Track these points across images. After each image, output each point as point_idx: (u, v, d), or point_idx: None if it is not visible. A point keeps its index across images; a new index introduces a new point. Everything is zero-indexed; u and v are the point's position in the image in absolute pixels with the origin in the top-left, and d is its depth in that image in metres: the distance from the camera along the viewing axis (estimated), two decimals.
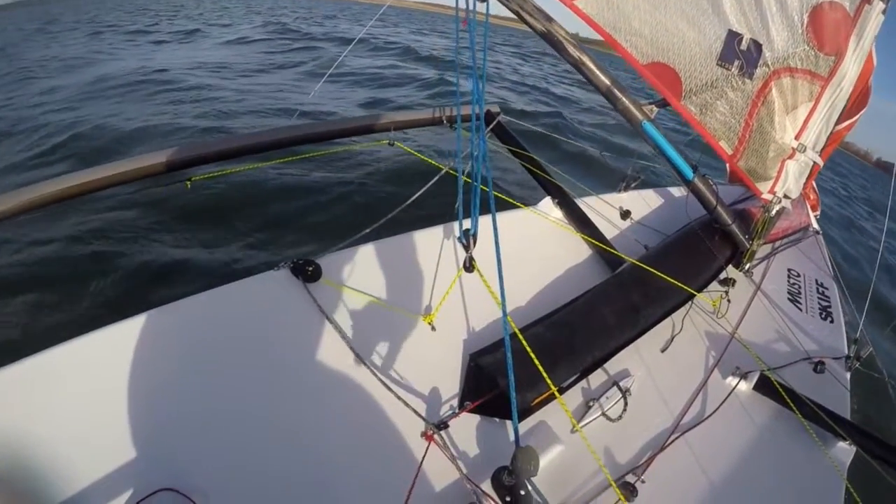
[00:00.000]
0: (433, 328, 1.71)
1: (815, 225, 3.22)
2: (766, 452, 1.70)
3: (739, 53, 2.30)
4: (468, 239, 1.31)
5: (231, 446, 1.26)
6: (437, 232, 2.07)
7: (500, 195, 2.05)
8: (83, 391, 1.23)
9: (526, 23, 2.15)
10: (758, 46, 2.30)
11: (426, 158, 2.36)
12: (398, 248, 1.95)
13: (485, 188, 1.37)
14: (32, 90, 8.45)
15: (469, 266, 1.32)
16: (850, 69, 2.34)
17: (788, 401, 1.75)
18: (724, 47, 2.30)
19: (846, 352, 2.29)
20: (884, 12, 2.21)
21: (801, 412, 1.74)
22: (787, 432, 1.78)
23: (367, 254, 1.85)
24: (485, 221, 1.31)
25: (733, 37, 2.29)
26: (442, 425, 1.41)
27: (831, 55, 2.33)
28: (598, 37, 2.22)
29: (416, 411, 1.41)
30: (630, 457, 1.56)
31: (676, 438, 1.62)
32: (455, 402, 1.55)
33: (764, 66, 2.31)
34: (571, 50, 2.15)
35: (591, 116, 12.40)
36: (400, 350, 1.63)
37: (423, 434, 1.41)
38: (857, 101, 2.62)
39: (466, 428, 1.48)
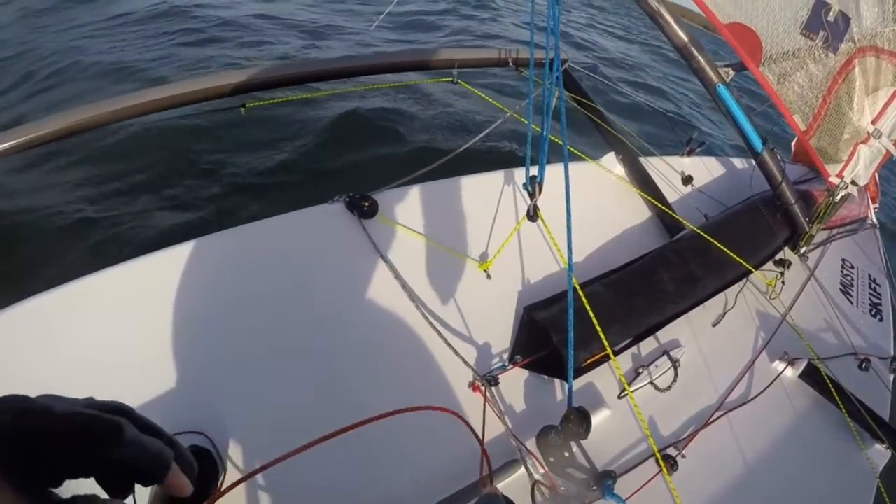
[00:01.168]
0: (489, 276, 1.65)
1: (874, 218, 3.12)
2: (803, 442, 1.66)
3: (826, 24, 2.15)
4: (534, 186, 1.25)
5: (270, 385, 1.21)
6: (497, 177, 1.97)
7: (566, 145, 1.95)
8: (120, 320, 1.19)
9: None
10: (846, 20, 2.16)
11: (492, 100, 2.23)
12: (457, 190, 1.85)
13: (554, 138, 1.31)
14: None
15: (533, 215, 1.27)
16: None
17: (835, 394, 1.69)
18: (810, 16, 2.15)
19: (892, 353, 2.21)
20: None
21: (845, 408, 1.69)
22: (828, 425, 1.73)
23: (425, 193, 1.75)
24: (549, 171, 1.25)
25: (821, 6, 2.14)
26: (491, 378, 1.37)
27: None
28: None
29: (465, 361, 1.37)
30: (673, 429, 1.51)
31: (720, 417, 1.57)
32: (505, 355, 1.50)
33: (850, 41, 2.17)
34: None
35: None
36: (453, 296, 1.57)
37: (471, 385, 1.37)
38: None
39: (514, 382, 1.44)
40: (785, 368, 1.82)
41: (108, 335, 1.16)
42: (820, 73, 2.17)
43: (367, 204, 1.57)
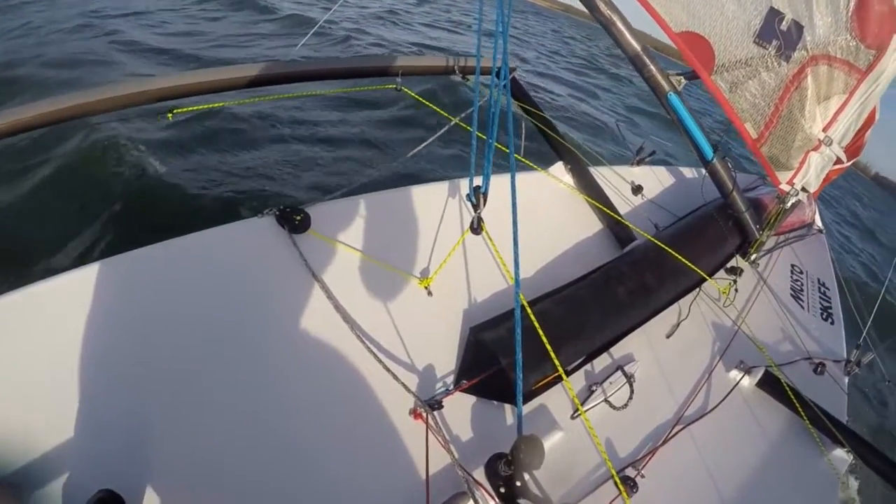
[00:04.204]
0: (430, 293, 1.58)
1: (819, 223, 3.16)
2: (765, 451, 1.65)
3: (779, 33, 2.17)
4: (478, 197, 1.19)
5: (192, 416, 1.12)
6: (440, 188, 1.90)
7: (513, 153, 1.94)
8: (27, 345, 1.09)
9: None
10: (799, 28, 2.18)
11: (436, 108, 2.22)
12: (397, 202, 1.78)
13: (501, 147, 1.27)
14: None
15: (477, 227, 1.20)
16: (890, 66, 2.22)
17: (795, 402, 1.69)
18: (763, 24, 2.17)
19: (845, 355, 2.24)
20: None
21: (805, 414, 1.68)
22: (788, 433, 1.73)
23: (361, 206, 1.68)
24: (495, 181, 1.19)
25: (774, 15, 2.16)
26: (435, 404, 1.29)
27: (872, 49, 2.21)
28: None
29: (406, 386, 1.29)
30: (631, 448, 1.47)
31: (679, 431, 1.54)
32: (450, 379, 1.43)
33: (802, 49, 2.19)
34: (603, 8, 2.02)
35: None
36: (391, 315, 1.49)
37: (413, 412, 1.29)
38: (853, 149, 2.51)
39: (460, 408, 1.37)
40: (742, 377, 1.82)
41: (7, 362, 1.05)
42: (772, 81, 2.18)
43: (298, 217, 1.50)
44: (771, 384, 1.79)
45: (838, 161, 2.27)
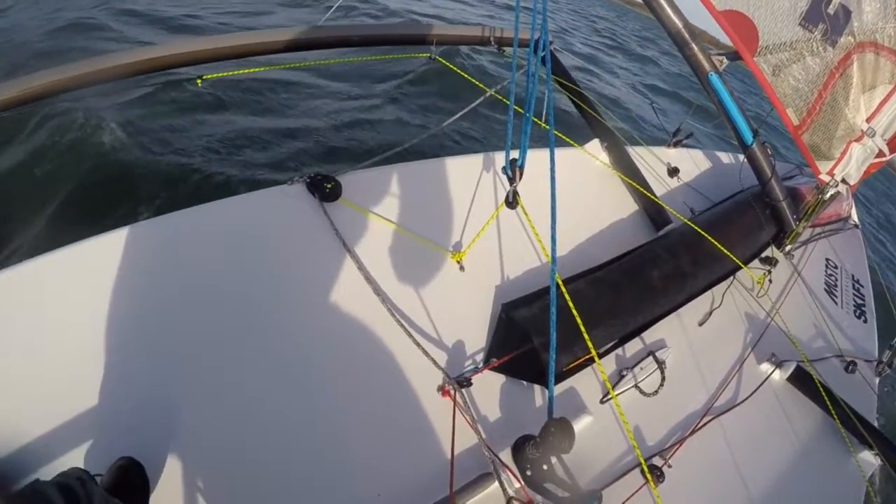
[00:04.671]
0: (462, 268, 1.54)
1: (855, 218, 3.07)
2: (792, 448, 1.61)
3: (826, 17, 2.08)
4: (514, 170, 1.15)
5: (214, 387, 1.10)
6: (474, 161, 1.85)
7: (551, 130, 1.87)
8: (58, 307, 1.08)
9: None
10: (846, 13, 2.09)
11: (471, 78, 2.14)
12: (430, 173, 1.74)
13: (537, 121, 1.24)
14: None
15: (512, 201, 1.16)
16: None
17: (825, 398, 1.64)
18: (810, 7, 2.08)
19: (877, 355, 2.17)
20: None
21: (836, 413, 1.63)
22: (817, 430, 1.68)
23: (393, 176, 1.65)
24: (531, 155, 1.15)
25: None
26: (464, 381, 1.27)
27: None
28: None
29: (435, 362, 1.26)
30: (659, 437, 1.43)
31: (707, 422, 1.50)
32: (480, 357, 1.39)
33: (849, 35, 2.10)
34: None
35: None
36: (422, 289, 1.46)
37: (441, 389, 1.26)
38: (894, 143, 2.42)
39: (489, 387, 1.33)
40: (773, 371, 1.76)
41: (35, 330, 1.05)
42: (817, 66, 2.10)
43: (329, 186, 1.47)
44: (802, 380, 1.74)
45: (880, 154, 2.19)
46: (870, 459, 1.62)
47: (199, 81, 1.57)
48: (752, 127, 2.03)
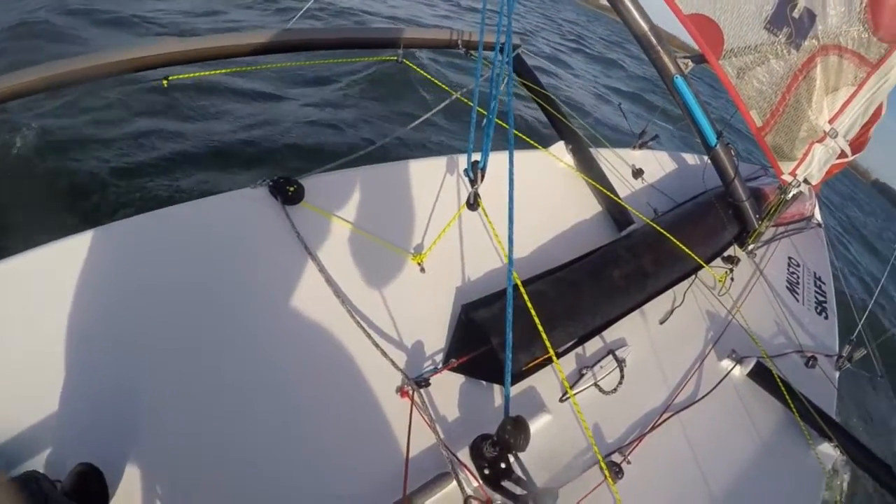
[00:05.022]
0: (423, 270, 1.56)
1: (818, 217, 3.14)
2: (752, 442, 1.65)
3: (791, 20, 2.13)
4: (476, 172, 1.16)
5: (173, 390, 1.10)
6: (438, 164, 1.87)
7: (514, 131, 1.90)
8: (15, 312, 1.07)
9: None
10: (811, 16, 2.14)
11: (438, 81, 2.17)
12: (393, 176, 1.75)
13: (501, 122, 1.24)
14: None
15: (473, 203, 1.17)
16: None
17: (785, 393, 1.69)
18: (775, 10, 2.13)
19: (837, 350, 2.24)
20: None
21: (795, 407, 1.68)
22: (777, 424, 1.73)
23: (356, 178, 1.66)
24: (493, 158, 1.16)
25: (787, 1, 2.12)
26: (422, 381, 1.28)
27: (885, 41, 2.17)
28: None
29: (393, 363, 1.27)
30: (618, 434, 1.46)
31: (667, 418, 1.53)
32: (439, 358, 1.41)
33: (814, 38, 2.15)
34: None
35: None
36: (383, 291, 1.47)
37: (400, 389, 1.27)
38: (858, 143, 2.48)
39: (448, 387, 1.35)
40: (734, 367, 1.80)
41: None
42: (781, 69, 2.15)
43: (292, 189, 1.47)
44: (762, 375, 1.78)
45: (842, 154, 2.24)
46: (829, 451, 1.67)
47: (164, 82, 1.55)
48: (715, 129, 2.08)
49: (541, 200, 2.04)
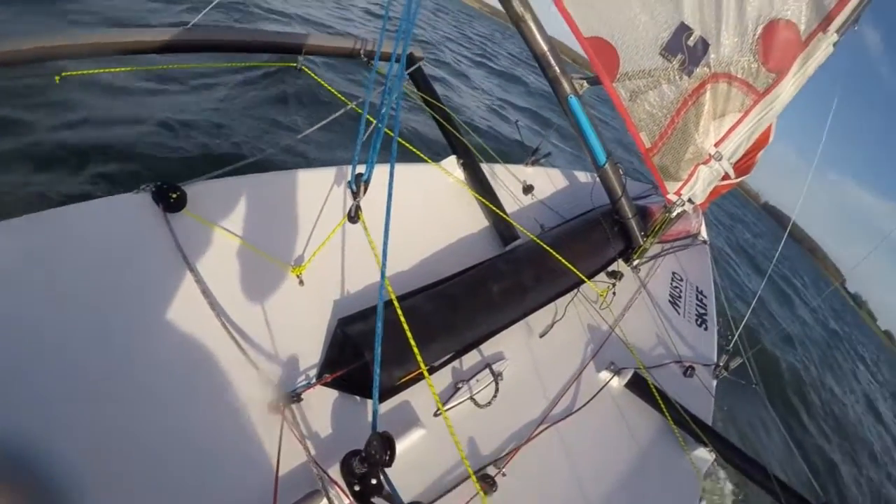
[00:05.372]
0: (301, 282, 1.53)
1: (704, 235, 3.33)
2: (630, 450, 1.72)
3: (685, 48, 2.25)
4: (359, 185, 1.17)
5: (40, 401, 1.03)
6: (326, 174, 1.84)
7: (404, 143, 1.89)
8: None
9: None
10: (705, 46, 2.26)
11: (334, 90, 2.18)
12: (279, 185, 1.72)
13: (389, 132, 1.24)
14: None
15: (354, 216, 1.18)
16: (785, 91, 2.35)
17: (660, 402, 1.77)
18: (671, 38, 2.25)
19: (715, 360, 2.39)
20: (834, 45, 2.20)
21: (670, 414, 1.76)
22: (654, 432, 1.81)
23: (242, 187, 1.62)
24: (381, 170, 1.16)
25: (683, 30, 2.24)
26: (294, 397, 1.26)
27: (773, 72, 2.32)
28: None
29: (266, 377, 1.25)
30: (495, 446, 1.48)
31: (543, 430, 1.57)
32: (314, 372, 1.38)
33: (706, 66, 2.28)
34: (517, 4, 2.04)
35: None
36: (260, 303, 1.43)
37: (272, 405, 1.25)
38: (744, 166, 2.66)
39: (323, 403, 1.33)
40: (611, 378, 1.87)
41: None
42: (672, 93, 2.27)
43: (174, 195, 1.42)
44: (639, 385, 1.86)
45: (726, 176, 2.40)
46: (704, 456, 1.76)
47: (57, 79, 1.49)
48: (605, 149, 2.19)
49: (428, 214, 2.06)
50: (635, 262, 2.46)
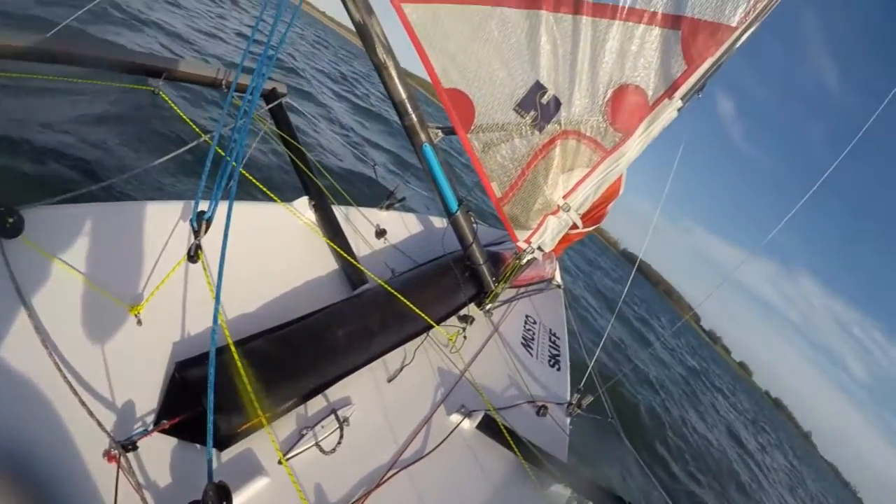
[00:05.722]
0: (140, 322, 1.45)
1: (559, 279, 3.57)
2: (485, 491, 1.73)
3: (539, 105, 2.40)
4: (200, 223, 1.14)
5: None
6: (173, 208, 1.77)
7: (254, 181, 1.83)
8: None
9: (346, 7, 2.03)
10: (557, 104, 2.42)
11: (188, 119, 2.08)
12: (124, 216, 1.63)
13: (244, 173, 1.27)
14: None
15: (194, 255, 1.14)
16: (631, 150, 2.55)
17: (511, 442, 1.80)
18: (526, 95, 2.38)
19: (568, 399, 2.50)
20: (679, 110, 2.42)
21: (522, 453, 1.79)
22: (508, 472, 1.83)
23: (85, 215, 1.53)
24: (224, 208, 1.13)
25: (538, 88, 2.38)
26: (129, 445, 1.18)
27: (620, 132, 2.51)
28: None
29: (100, 424, 1.16)
30: (344, 492, 1.45)
31: (394, 474, 1.56)
32: (151, 418, 1.31)
33: (557, 123, 2.44)
34: (380, 51, 2.08)
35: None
36: (96, 343, 1.35)
37: (107, 453, 1.17)
38: (595, 217, 2.88)
39: (161, 451, 1.26)
40: (462, 421, 1.88)
41: None
42: (523, 147, 2.41)
43: (11, 220, 1.32)
44: (490, 427, 1.88)
45: (575, 226, 2.58)
46: (561, 492, 1.80)
47: None
48: (458, 196, 2.27)
49: (276, 256, 2.02)
50: (487, 307, 2.54)
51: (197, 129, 1.99)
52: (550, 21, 2.27)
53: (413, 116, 2.20)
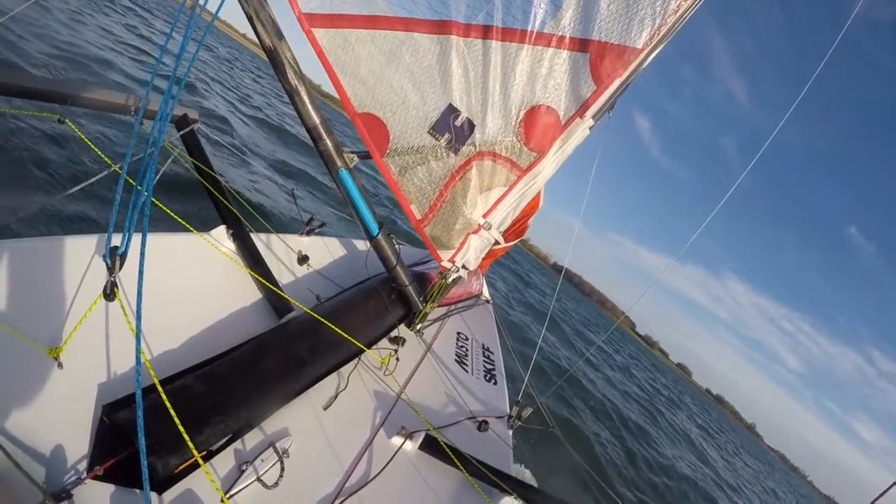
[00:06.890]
0: (60, 365, 1.38)
1: (487, 294, 3.66)
2: None
3: (452, 128, 2.44)
4: (114, 259, 1.10)
5: None
6: (87, 242, 1.69)
7: (168, 213, 1.78)
8: None
9: (256, 32, 1.99)
10: (471, 126, 2.48)
11: (97, 149, 1.99)
12: (34, 253, 1.55)
13: (156, 202, 1.24)
14: None
15: (110, 293, 1.11)
16: (547, 168, 2.64)
17: (454, 459, 1.80)
18: (440, 118, 2.42)
19: (508, 412, 2.51)
20: (591, 128, 2.53)
21: (467, 470, 1.80)
22: (456, 490, 1.83)
23: None
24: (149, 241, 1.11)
25: (451, 111, 2.43)
26: (63, 495, 1.12)
27: (534, 152, 2.60)
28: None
29: (29, 476, 1.09)
30: None
31: (343, 502, 1.53)
32: (83, 466, 1.25)
33: (472, 145, 2.49)
34: (291, 76, 2.06)
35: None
36: (15, 390, 1.27)
37: None
38: (517, 231, 3.00)
39: (98, 498, 1.20)
40: (404, 442, 1.87)
41: None
42: (440, 169, 2.44)
43: None
44: (432, 446, 1.88)
45: (497, 243, 2.64)
46: (511, 502, 1.80)
47: None
48: (377, 219, 2.26)
49: (197, 288, 1.96)
50: (418, 327, 2.53)
51: (105, 159, 1.88)
52: (461, 46, 2.34)
53: (328, 142, 2.18)
